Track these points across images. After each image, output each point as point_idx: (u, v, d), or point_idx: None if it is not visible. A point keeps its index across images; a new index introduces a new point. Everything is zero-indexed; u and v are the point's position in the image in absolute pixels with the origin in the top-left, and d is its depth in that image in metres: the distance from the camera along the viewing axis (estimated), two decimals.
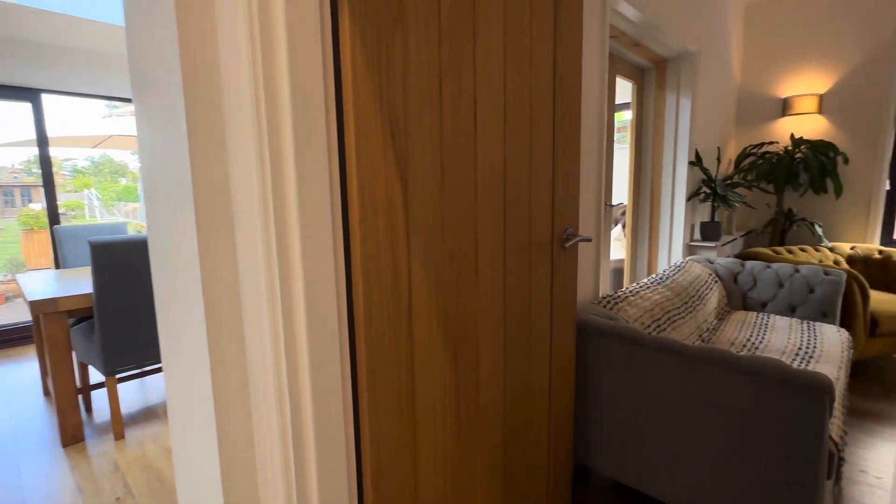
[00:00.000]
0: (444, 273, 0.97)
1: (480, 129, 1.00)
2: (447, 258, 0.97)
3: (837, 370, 1.84)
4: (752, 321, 2.40)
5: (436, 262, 0.94)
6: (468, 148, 0.98)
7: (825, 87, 3.48)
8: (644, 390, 1.46)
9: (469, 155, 0.98)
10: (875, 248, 3.18)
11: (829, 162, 3.22)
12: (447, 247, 0.96)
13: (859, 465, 1.93)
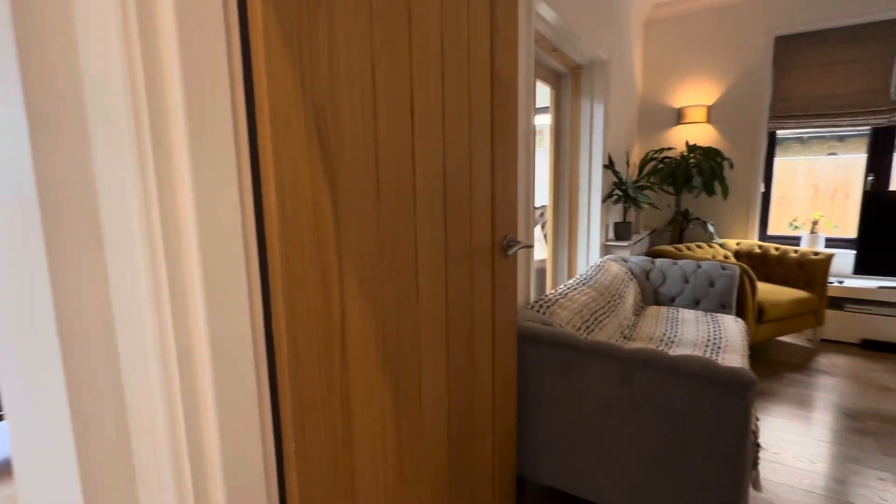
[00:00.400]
0: (383, 291, 0.84)
1: (419, 124, 0.89)
2: (386, 274, 0.84)
3: (742, 358, 1.99)
4: (664, 315, 2.55)
5: (373, 280, 0.82)
6: (405, 146, 0.86)
7: (712, 98, 3.86)
8: (582, 395, 1.44)
9: (406, 153, 0.87)
10: (755, 244, 3.58)
11: (717, 167, 3.56)
12: (385, 261, 0.84)
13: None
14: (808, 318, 3.10)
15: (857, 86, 3.41)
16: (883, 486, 1.76)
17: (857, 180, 3.70)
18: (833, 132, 3.72)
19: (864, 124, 3.44)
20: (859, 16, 3.31)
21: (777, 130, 3.77)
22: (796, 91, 3.60)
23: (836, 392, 2.56)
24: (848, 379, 2.73)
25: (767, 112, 3.69)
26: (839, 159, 3.79)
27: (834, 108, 3.47)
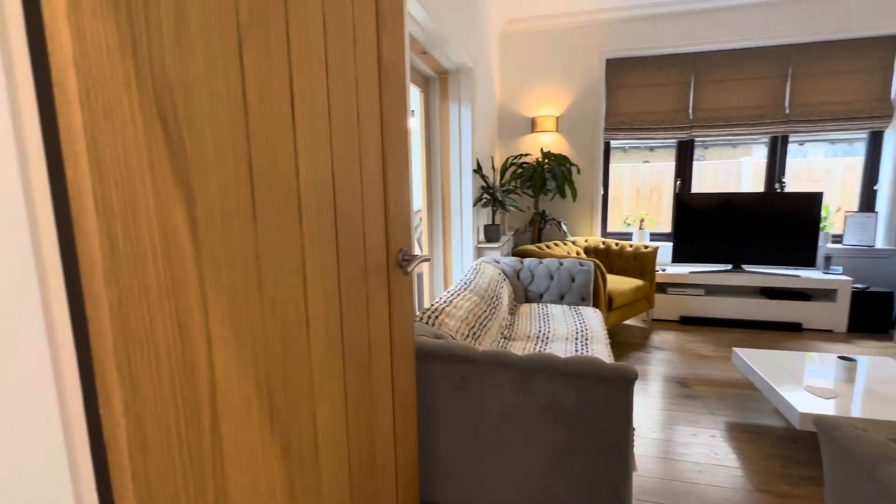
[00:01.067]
0: (266, 333, 0.66)
1: (302, 121, 0.72)
2: (268, 310, 0.66)
3: (606, 347, 2.19)
4: (536, 313, 2.70)
5: (252, 321, 0.63)
6: (286, 147, 0.69)
7: (560, 110, 4.26)
8: (479, 408, 1.40)
9: (288, 157, 0.70)
10: (600, 240, 4.06)
11: (567, 172, 3.95)
12: (268, 294, 0.66)
13: None
14: (643, 303, 3.61)
15: (667, 105, 4.09)
16: (715, 443, 2.10)
17: (667, 184, 4.44)
18: (646, 143, 4.42)
19: (672, 137, 4.14)
20: (666, 47, 3.97)
21: (611, 140, 4.33)
22: (624, 107, 4.18)
23: (669, 364, 3.01)
24: (675, 351, 3.23)
25: (603, 124, 4.21)
26: (652, 166, 4.50)
27: (651, 122, 4.11)
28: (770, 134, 3.95)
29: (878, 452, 0.84)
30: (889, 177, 3.74)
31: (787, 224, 3.69)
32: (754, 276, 3.74)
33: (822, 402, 1.89)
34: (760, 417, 2.32)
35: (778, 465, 1.94)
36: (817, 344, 3.35)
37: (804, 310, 3.63)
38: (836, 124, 3.77)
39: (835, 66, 3.72)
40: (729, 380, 2.76)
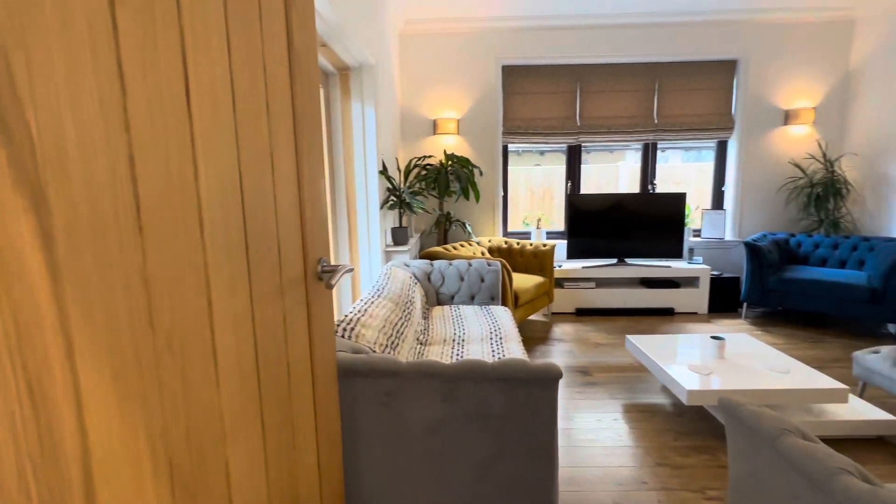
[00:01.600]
0: (161, 375, 0.51)
1: (199, 104, 0.58)
2: (164, 347, 0.51)
3: (519, 344, 2.25)
4: (449, 315, 2.68)
5: (141, 363, 0.48)
6: (181, 137, 0.55)
7: (461, 112, 4.33)
8: (406, 423, 1.32)
9: (184, 150, 0.55)
10: (502, 240, 4.20)
11: (470, 174, 4.02)
12: (162, 327, 0.51)
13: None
14: (544, 298, 3.81)
15: (558, 112, 4.37)
16: (618, 426, 2.26)
17: (557, 185, 4.75)
18: (538, 147, 4.69)
19: (562, 142, 4.44)
20: (556, 58, 4.25)
21: (509, 144, 4.51)
22: (520, 112, 4.38)
23: (571, 355, 3.20)
24: (574, 342, 3.46)
25: (501, 128, 4.37)
26: (543, 169, 4.79)
27: (545, 128, 4.37)
28: (642, 140, 4.42)
29: (777, 426, 0.94)
30: (733, 179, 4.42)
31: (659, 221, 4.17)
32: (635, 269, 4.16)
33: (703, 378, 2.14)
34: (651, 396, 2.56)
35: (670, 438, 2.14)
36: (687, 325, 3.83)
37: (675, 296, 4.13)
38: (693, 134, 4.36)
39: (692, 83, 4.29)
40: (623, 364, 3.02)
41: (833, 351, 3.19)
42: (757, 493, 0.99)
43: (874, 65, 3.92)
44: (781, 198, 4.38)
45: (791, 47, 4.16)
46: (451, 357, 2.05)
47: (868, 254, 3.63)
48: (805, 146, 4.30)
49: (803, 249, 3.96)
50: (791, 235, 4.05)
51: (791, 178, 4.34)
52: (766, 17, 4.08)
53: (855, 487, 0.75)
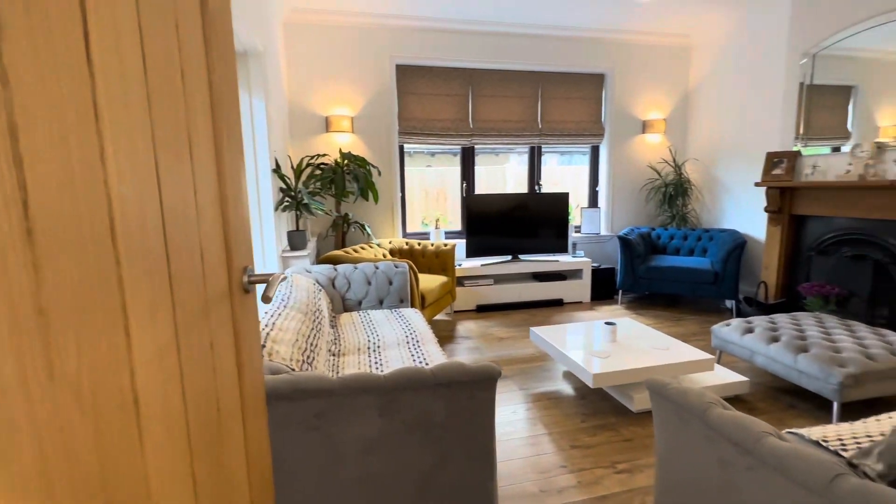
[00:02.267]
0: (67, 440, 0.36)
1: (102, 67, 0.43)
2: (71, 402, 0.36)
3: (436, 345, 2.21)
4: (359, 321, 2.55)
5: (39, 430, 0.33)
6: (83, 118, 0.39)
7: (355, 110, 4.16)
8: (340, 446, 1.20)
9: (88, 135, 0.40)
10: (403, 241, 4.15)
11: (368, 174, 3.89)
12: (65, 375, 0.36)
13: None
14: (448, 298, 3.85)
15: (452, 114, 4.45)
16: (531, 415, 2.36)
17: (450, 186, 4.85)
18: (429, 149, 4.74)
19: (457, 144, 4.53)
20: (449, 60, 4.31)
21: (405, 144, 4.47)
22: (415, 112, 4.36)
23: (478, 351, 3.28)
24: (479, 338, 3.55)
25: (397, 127, 4.31)
26: (436, 170, 4.85)
27: (440, 129, 4.41)
28: (529, 144, 4.72)
29: (703, 401, 1.03)
30: (605, 180, 4.95)
31: (546, 219, 4.48)
32: (528, 264, 4.42)
33: (604, 362, 2.33)
34: (555, 384, 2.72)
35: (578, 421, 2.29)
36: (575, 313, 4.18)
37: (563, 288, 4.48)
38: (571, 139, 4.77)
39: (569, 92, 4.69)
40: (526, 356, 3.17)
41: (691, 327, 3.74)
42: (685, 463, 1.09)
43: (706, 86, 4.69)
44: (643, 196, 5.02)
45: (646, 65, 4.78)
46: (370, 366, 1.94)
47: (709, 243, 4.33)
48: (659, 152, 4.99)
49: (662, 241, 4.58)
50: (652, 229, 4.66)
51: (650, 180, 4.99)
52: (626, 37, 4.64)
53: (779, 447, 0.84)
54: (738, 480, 0.92)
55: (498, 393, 2.62)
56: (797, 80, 3.46)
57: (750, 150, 4.21)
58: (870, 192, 2.97)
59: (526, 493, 1.77)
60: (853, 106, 3.17)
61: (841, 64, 3.20)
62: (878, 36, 2.96)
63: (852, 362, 2.10)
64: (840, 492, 0.74)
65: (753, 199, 4.22)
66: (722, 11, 4.11)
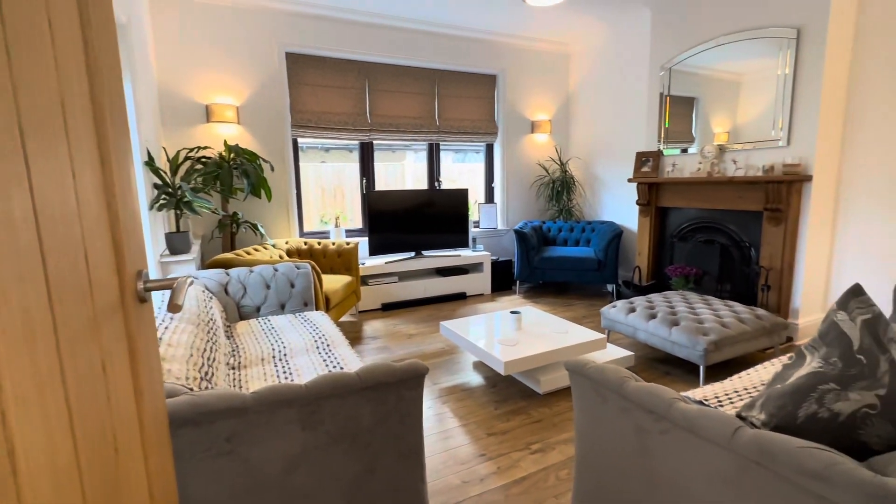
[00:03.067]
0: None
1: None
2: None
3: (349, 348, 2.11)
4: (259, 329, 2.33)
5: None
6: None
7: (240, 99, 3.80)
8: (257, 469, 1.07)
9: None
10: (301, 241, 3.90)
11: (259, 169, 3.58)
12: None
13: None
14: (352, 298, 3.71)
15: (348, 108, 4.29)
16: (446, 409, 2.37)
17: (347, 183, 4.69)
18: (323, 144, 4.54)
19: (355, 139, 4.39)
20: (343, 52, 4.15)
21: (299, 138, 4.20)
22: (309, 105, 4.12)
23: (387, 350, 3.22)
24: (387, 337, 3.49)
25: (290, 120, 4.03)
26: (333, 167, 4.67)
27: (336, 123, 4.23)
28: (427, 140, 4.75)
29: (619, 376, 1.11)
30: (499, 177, 5.18)
31: (447, 215, 4.56)
32: (431, 260, 4.46)
33: (513, 349, 2.43)
34: (466, 375, 2.78)
35: (492, 409, 2.37)
36: (478, 305, 4.32)
37: (465, 281, 4.61)
38: (468, 137, 4.91)
39: (465, 91, 4.82)
40: (435, 350, 3.19)
41: (581, 311, 4.09)
42: (604, 435, 1.17)
43: (584, 91, 5.16)
44: (534, 192, 5.36)
45: (533, 69, 5.10)
46: (278, 376, 1.78)
47: (592, 234, 4.78)
48: (547, 151, 5.37)
49: (552, 233, 4.94)
50: (543, 222, 5.01)
51: (539, 177, 5.35)
52: (515, 41, 4.90)
53: (688, 409, 0.94)
54: (654, 444, 1.01)
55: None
56: (658, 91, 3.96)
57: (622, 149, 4.73)
58: (715, 186, 3.52)
59: (450, 486, 1.77)
60: (695, 115, 3.72)
61: (687, 78, 3.74)
62: (712, 56, 3.52)
63: (712, 331, 2.47)
64: (741, 442, 0.84)
65: (627, 193, 4.75)
66: (595, 25, 4.55)
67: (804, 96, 2.98)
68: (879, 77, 2.86)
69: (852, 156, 3.04)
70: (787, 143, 3.10)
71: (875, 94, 2.89)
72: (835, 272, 3.21)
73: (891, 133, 2.84)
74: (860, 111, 2.98)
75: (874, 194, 2.96)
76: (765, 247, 3.22)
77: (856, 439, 0.89)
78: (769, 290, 3.19)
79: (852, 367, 0.89)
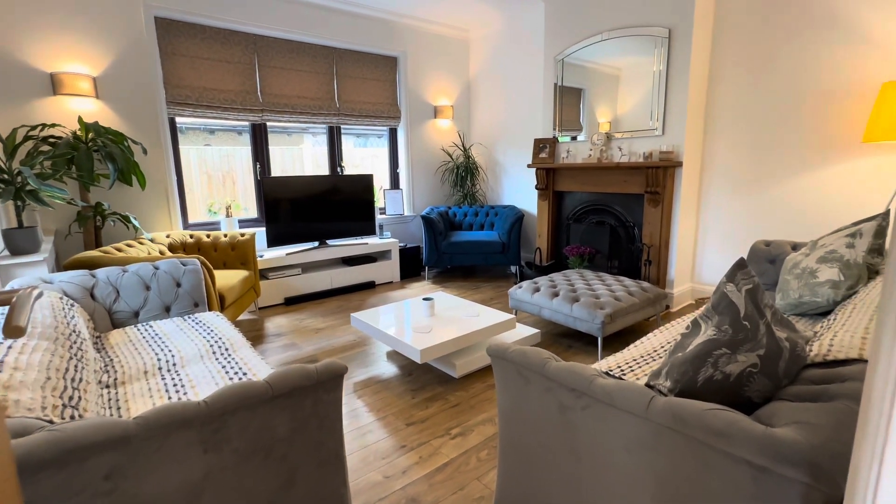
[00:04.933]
0: None
1: None
2: None
3: (252, 350, 1.92)
4: (139, 337, 2.02)
5: None
6: None
7: (97, 69, 3.22)
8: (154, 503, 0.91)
9: None
10: (185, 234, 3.48)
11: (128, 152, 3.09)
12: None
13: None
14: (251, 294, 3.41)
15: (236, 85, 3.88)
16: (362, 402, 2.29)
17: (239, 168, 4.29)
18: (207, 125, 4.09)
19: (244, 119, 4.00)
20: (226, 21, 3.71)
21: (178, 117, 3.71)
22: (188, 79, 3.64)
23: (294, 347, 3.02)
24: (293, 333, 3.27)
25: (164, 96, 3.53)
26: (220, 150, 4.24)
27: (222, 101, 3.80)
28: (327, 123, 4.50)
29: (541, 357, 1.14)
30: (404, 162, 5.11)
31: (352, 202, 4.38)
32: (336, 249, 4.27)
33: (428, 336, 2.41)
34: (380, 367, 2.71)
35: (409, 398, 2.34)
36: (389, 294, 4.25)
37: (374, 270, 4.49)
38: (370, 120, 4.74)
39: (365, 73, 4.63)
40: (346, 343, 3.06)
41: (488, 293, 4.22)
42: (528, 415, 1.19)
43: (483, 78, 5.26)
44: (438, 178, 5.38)
45: (434, 53, 5.06)
46: (167, 391, 1.55)
47: (495, 218, 4.94)
48: (450, 136, 5.40)
49: (458, 218, 5.02)
50: (449, 208, 5.06)
51: (443, 162, 5.37)
52: (415, 23, 4.80)
53: (607, 384, 0.99)
54: (576, 420, 1.05)
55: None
56: (552, 81, 4.16)
57: (521, 136, 4.93)
58: (604, 171, 3.82)
59: (372, 483, 1.71)
60: (583, 105, 3.99)
61: (576, 70, 3.99)
62: (598, 51, 3.79)
63: (608, 304, 2.69)
64: (655, 410, 0.90)
65: (526, 178, 4.97)
66: (492, 13, 4.63)
67: (675, 90, 3.34)
68: (730, 74, 3.31)
69: (711, 144, 3.50)
70: (663, 133, 3.45)
71: (726, 88, 3.34)
72: (699, 246, 3.69)
73: (736, 125, 3.31)
74: (716, 105, 3.42)
75: (727, 177, 3.44)
76: (646, 226, 3.59)
77: (742, 395, 1.00)
78: (650, 264, 3.57)
79: (739, 332, 0.99)
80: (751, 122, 3.25)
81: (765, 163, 3.23)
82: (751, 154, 3.29)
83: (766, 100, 3.16)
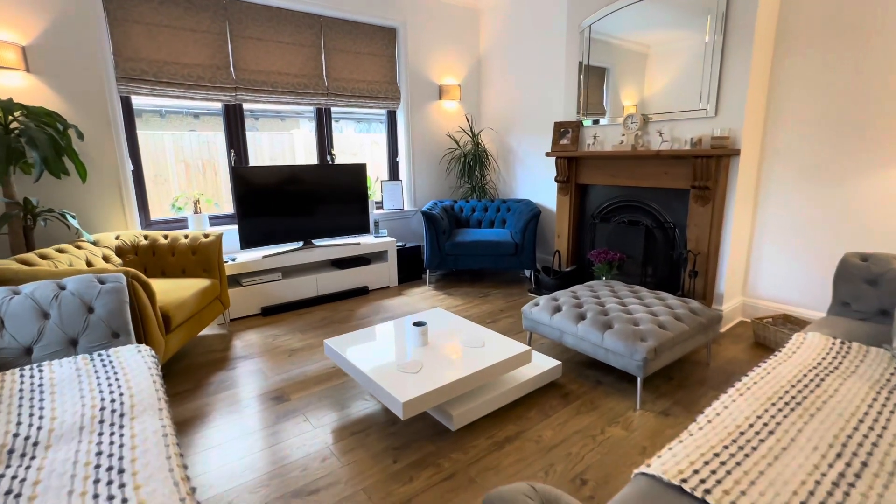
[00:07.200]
0: None
1: None
2: None
3: (158, 412, 1.37)
4: (13, 391, 1.48)
5: None
6: None
7: (25, 36, 2.67)
8: None
9: None
10: (140, 234, 2.94)
11: (61, 137, 2.55)
12: None
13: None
14: (216, 306, 2.88)
15: (204, 58, 3.31)
16: (330, 463, 1.73)
17: (222, 157, 3.75)
18: (190, 109, 3.54)
19: (215, 99, 3.43)
20: None
21: (132, 96, 3.15)
22: (144, 51, 3.07)
23: (260, 375, 2.48)
24: (263, 355, 2.73)
25: (113, 70, 2.97)
26: (201, 136, 3.68)
27: (187, 76, 3.23)
28: (314, 105, 3.91)
29: None
30: (404, 150, 4.50)
31: (342, 195, 3.81)
32: (324, 250, 3.71)
33: (414, 380, 1.83)
34: (360, 405, 2.15)
35: (389, 462, 1.77)
36: (383, 302, 3.68)
37: (367, 273, 3.93)
38: (364, 101, 4.13)
39: (358, 46, 4.01)
40: (323, 372, 2.51)
41: (498, 302, 3.63)
42: None
43: (493, 53, 4.60)
44: (443, 167, 4.76)
45: (439, 24, 4.41)
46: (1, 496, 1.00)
47: (507, 214, 4.32)
48: (457, 120, 4.76)
49: (465, 214, 4.41)
50: (455, 202, 4.45)
51: (449, 150, 4.75)
52: None
53: None
54: None
55: (287, 438, 1.91)
56: (576, 57, 3.50)
57: (539, 120, 4.28)
58: (639, 161, 3.17)
59: None
60: (606, 86, 3.33)
61: (601, 47, 3.32)
62: (624, 23, 3.12)
63: (650, 334, 2.07)
64: None
65: (544, 168, 4.33)
66: None
67: (733, 64, 2.66)
68: (803, 44, 2.61)
69: (773, 126, 2.82)
70: (715, 114, 2.79)
71: (797, 61, 2.65)
72: (754, 253, 3.04)
73: (810, 102, 2.63)
74: (783, 80, 2.73)
75: (793, 168, 2.76)
76: (691, 228, 2.94)
77: None
78: (696, 276, 2.93)
79: None
80: (832, 99, 2.57)
81: (847, 151, 2.55)
82: (827, 139, 2.61)
83: (853, 72, 2.47)
